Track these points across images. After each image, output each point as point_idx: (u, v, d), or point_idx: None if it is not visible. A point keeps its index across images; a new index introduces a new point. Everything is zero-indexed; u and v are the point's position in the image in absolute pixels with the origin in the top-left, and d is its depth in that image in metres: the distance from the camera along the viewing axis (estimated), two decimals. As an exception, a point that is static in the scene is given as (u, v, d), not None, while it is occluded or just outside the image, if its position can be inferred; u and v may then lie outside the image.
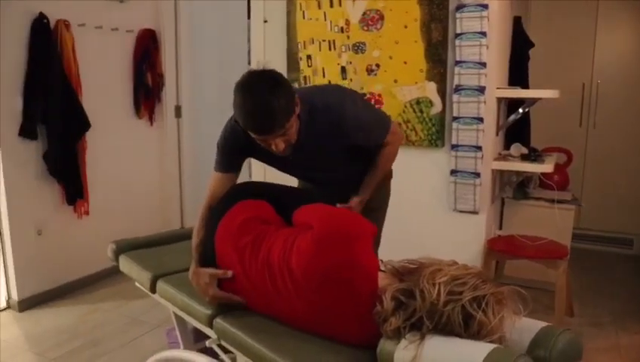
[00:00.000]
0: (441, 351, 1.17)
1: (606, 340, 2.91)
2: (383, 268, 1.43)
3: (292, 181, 2.15)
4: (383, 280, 1.39)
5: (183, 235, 2.53)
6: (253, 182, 2.01)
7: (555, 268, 2.84)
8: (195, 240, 1.81)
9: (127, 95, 3.88)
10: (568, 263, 2.95)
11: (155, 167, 4.18)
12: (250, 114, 1.53)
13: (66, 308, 3.28)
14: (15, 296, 3.21)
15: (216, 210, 1.78)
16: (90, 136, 3.47)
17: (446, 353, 1.17)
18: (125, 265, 2.23)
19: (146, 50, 3.93)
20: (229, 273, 1.64)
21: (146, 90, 3.97)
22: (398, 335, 1.24)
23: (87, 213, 3.52)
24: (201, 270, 1.71)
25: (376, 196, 2.12)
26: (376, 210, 2.13)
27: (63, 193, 3.39)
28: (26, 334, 2.95)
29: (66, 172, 3.34)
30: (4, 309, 3.23)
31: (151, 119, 4.08)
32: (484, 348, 1.14)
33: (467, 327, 1.19)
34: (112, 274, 3.55)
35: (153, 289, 2.03)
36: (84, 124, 3.39)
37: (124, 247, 2.31)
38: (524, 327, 1.29)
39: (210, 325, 1.71)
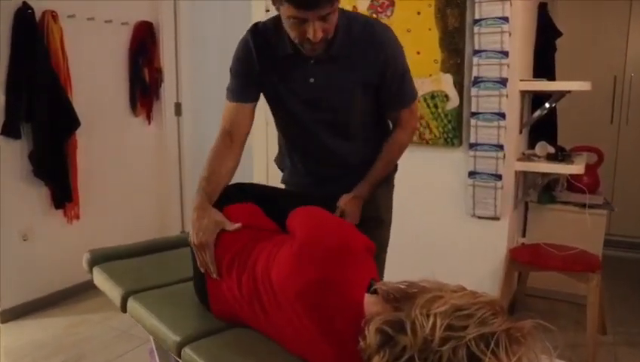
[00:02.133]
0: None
1: (644, 362, 2.60)
2: (376, 290, 1.15)
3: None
4: (372, 306, 1.11)
5: (172, 243, 2.31)
6: (244, 183, 1.75)
7: (587, 281, 2.54)
8: (203, 172, 1.60)
9: (122, 92, 3.67)
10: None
11: (153, 169, 3.96)
12: None
13: (52, 319, 3.07)
14: (-2, 306, 3.01)
15: None
16: (81, 135, 3.27)
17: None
18: (98, 278, 1.99)
19: (143, 44, 3.73)
20: (237, 226, 1.47)
21: (143, 87, 3.77)
22: None
23: (77, 217, 3.32)
24: (212, 209, 1.51)
25: (386, 205, 1.87)
26: (387, 223, 1.88)
27: (50, 196, 3.19)
28: (5, 348, 2.74)
29: (54, 173, 3.14)
30: (-14, 320, 3.03)
31: (148, 117, 3.87)
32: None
33: None
34: (103, 282, 3.34)
35: (124, 308, 1.78)
36: (72, 122, 3.18)
37: (100, 258, 2.07)
38: (556, 374, 1.00)
39: (180, 354, 1.45)
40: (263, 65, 1.60)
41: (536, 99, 3.25)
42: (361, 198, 1.71)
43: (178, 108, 4.02)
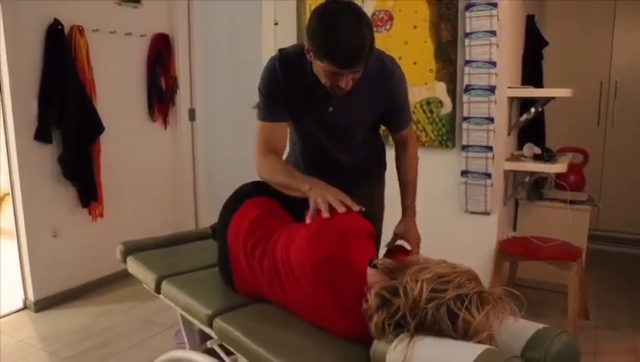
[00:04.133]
0: (430, 352, 1.15)
1: (623, 344, 2.84)
2: (376, 265, 1.41)
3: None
4: (373, 277, 1.38)
5: (192, 236, 2.56)
6: (262, 181, 2.00)
7: (568, 269, 2.79)
8: (282, 175, 1.74)
9: (140, 99, 3.93)
10: (585, 265, 2.89)
11: (169, 170, 4.22)
12: (343, 43, 1.46)
13: (81, 308, 3.33)
14: (31, 297, 3.27)
15: (229, 204, 1.82)
16: (104, 139, 3.53)
17: (435, 354, 1.15)
18: (132, 266, 2.25)
19: (160, 54, 3.98)
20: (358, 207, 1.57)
21: (160, 94, 4.01)
22: (383, 332, 1.23)
23: (101, 215, 3.57)
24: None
25: (378, 200, 2.13)
26: (378, 216, 2.11)
27: (77, 196, 3.45)
28: (41, 334, 3.01)
29: (81, 175, 3.39)
30: (21, 310, 3.29)
31: (165, 122, 4.11)
32: (475, 349, 1.12)
33: (455, 327, 1.17)
34: (126, 275, 3.48)
35: (158, 290, 2.04)
36: (98, 128, 3.44)
37: (132, 248, 2.33)
38: (519, 330, 1.25)
39: (211, 325, 1.71)
40: (288, 89, 1.75)
41: (525, 103, 3.49)
42: (414, 217, 1.97)
43: (192, 114, 4.27)
